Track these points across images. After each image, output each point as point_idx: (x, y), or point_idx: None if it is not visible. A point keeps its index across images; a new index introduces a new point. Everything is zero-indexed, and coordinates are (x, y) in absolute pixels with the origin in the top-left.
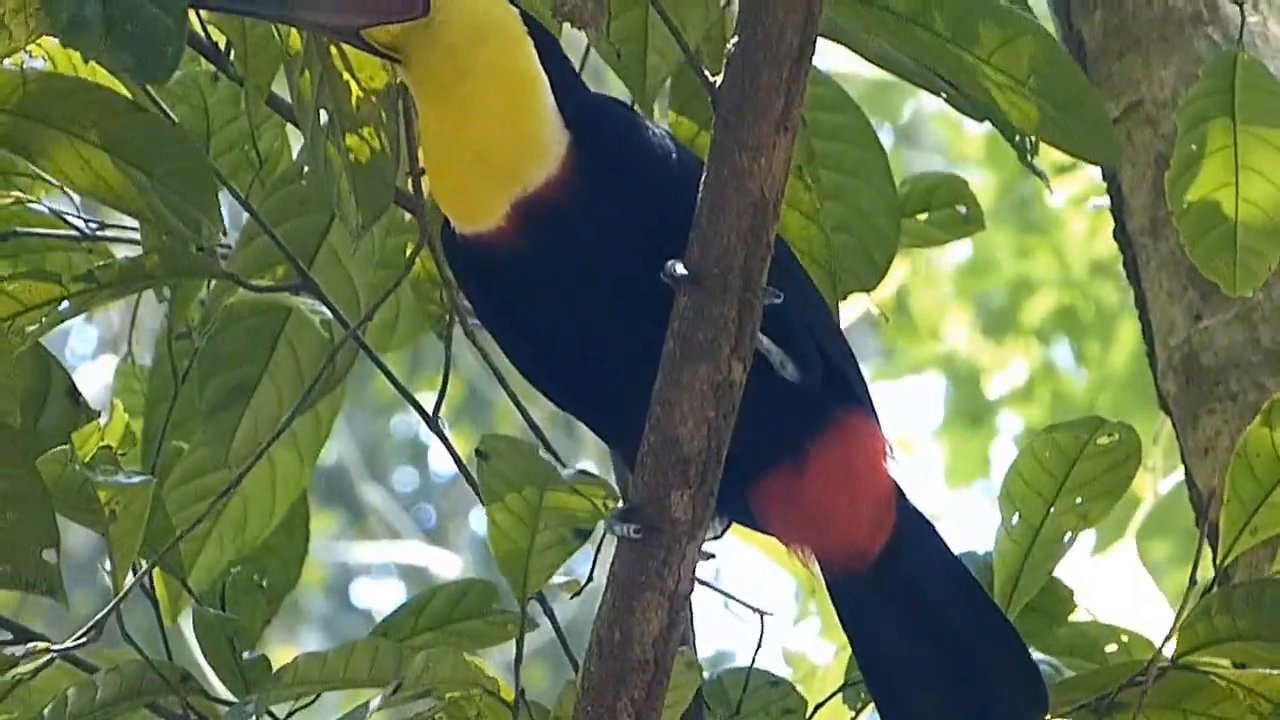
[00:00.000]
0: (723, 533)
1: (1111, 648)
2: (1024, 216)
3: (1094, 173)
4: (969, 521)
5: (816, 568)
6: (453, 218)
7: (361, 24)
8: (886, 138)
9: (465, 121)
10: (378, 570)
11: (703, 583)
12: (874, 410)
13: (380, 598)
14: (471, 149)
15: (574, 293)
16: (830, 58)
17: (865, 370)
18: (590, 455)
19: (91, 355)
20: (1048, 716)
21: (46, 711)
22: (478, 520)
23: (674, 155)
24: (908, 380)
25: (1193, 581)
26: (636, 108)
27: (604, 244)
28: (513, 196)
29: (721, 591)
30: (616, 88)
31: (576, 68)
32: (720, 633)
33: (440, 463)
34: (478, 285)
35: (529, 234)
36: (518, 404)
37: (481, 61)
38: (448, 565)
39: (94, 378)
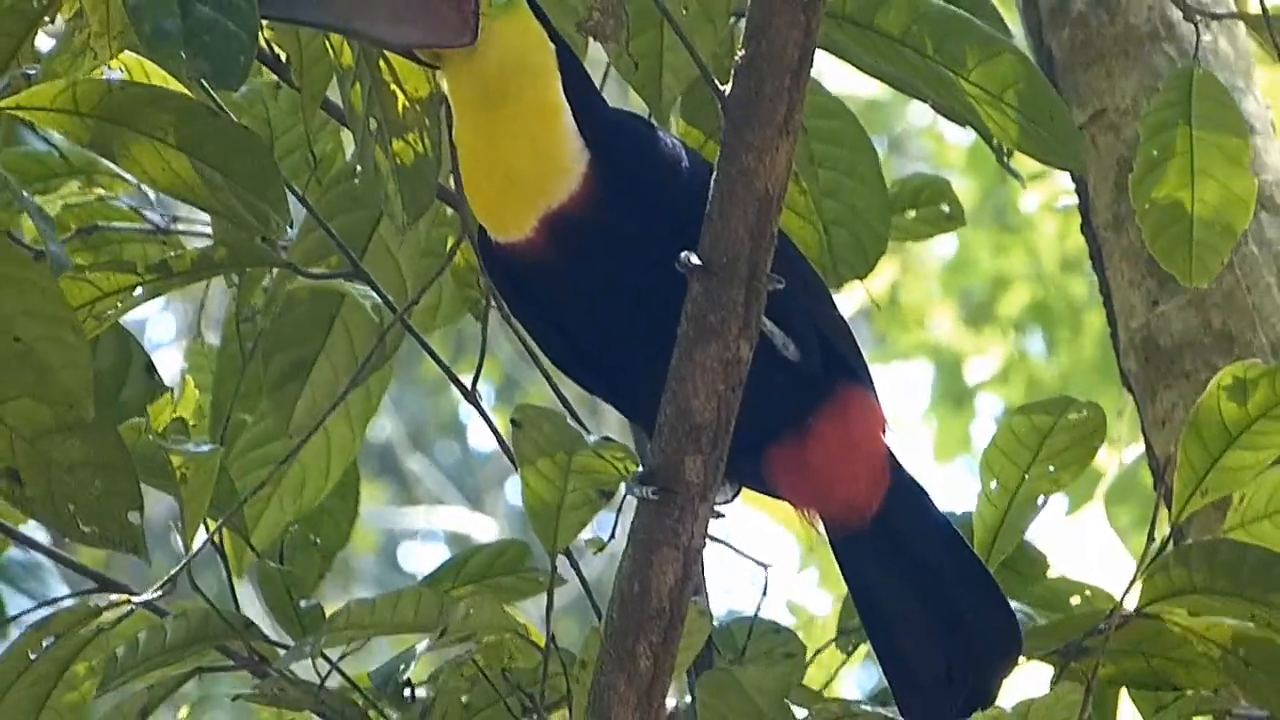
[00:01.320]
0: (734, 497)
1: (1075, 600)
2: (1001, 219)
3: (1063, 180)
4: (955, 493)
5: (820, 526)
6: (487, 228)
7: (414, 43)
8: (878, 148)
9: (496, 143)
10: (423, 535)
11: (714, 539)
12: (872, 385)
13: (425, 560)
14: (502, 168)
15: (598, 294)
16: (828, 79)
17: None
18: (613, 429)
19: (169, 342)
20: (1021, 659)
21: (119, 653)
22: (513, 491)
23: (685, 164)
24: (898, 366)
25: (1151, 539)
26: (653, 119)
27: (624, 250)
28: (540, 211)
29: (730, 546)
30: (636, 102)
31: (599, 81)
32: (730, 589)
33: (480, 439)
34: (510, 286)
35: (555, 244)
36: (549, 380)
37: (513, 92)
38: (486, 530)
39: (170, 361)
